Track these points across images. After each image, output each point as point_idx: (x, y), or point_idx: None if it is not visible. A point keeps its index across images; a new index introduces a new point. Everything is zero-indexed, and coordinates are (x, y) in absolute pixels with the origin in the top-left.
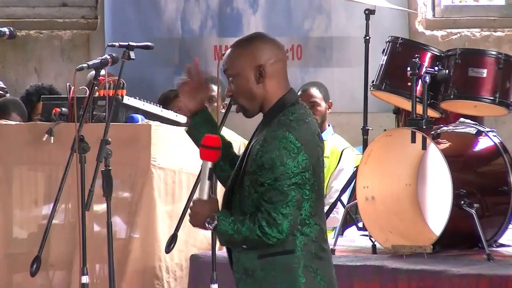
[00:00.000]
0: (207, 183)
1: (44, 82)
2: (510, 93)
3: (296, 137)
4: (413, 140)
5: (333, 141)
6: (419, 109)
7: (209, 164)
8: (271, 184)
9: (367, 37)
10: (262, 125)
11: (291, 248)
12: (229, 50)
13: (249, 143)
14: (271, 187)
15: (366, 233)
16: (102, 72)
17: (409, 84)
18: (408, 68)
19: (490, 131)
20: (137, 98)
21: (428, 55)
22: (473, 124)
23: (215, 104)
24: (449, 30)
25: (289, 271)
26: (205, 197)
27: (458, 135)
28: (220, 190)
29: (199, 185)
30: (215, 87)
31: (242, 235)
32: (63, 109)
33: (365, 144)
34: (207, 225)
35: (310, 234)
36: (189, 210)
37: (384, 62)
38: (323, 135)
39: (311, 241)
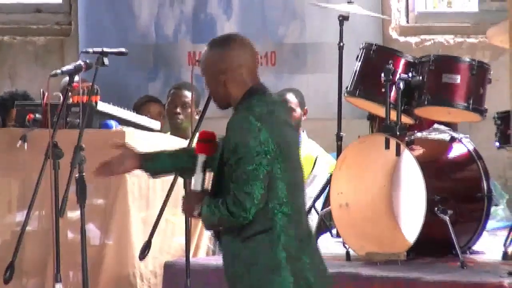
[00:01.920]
0: (201, 175)
1: (18, 88)
2: (484, 99)
3: (256, 117)
4: (387, 146)
5: (307, 148)
6: (393, 115)
7: (203, 157)
8: (236, 164)
9: (341, 43)
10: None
11: (270, 226)
12: (207, 46)
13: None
14: (236, 167)
15: (340, 240)
16: (76, 78)
17: (383, 90)
18: (382, 74)
19: (464, 137)
20: (111, 103)
21: (402, 61)
22: (447, 130)
23: (189, 110)
24: (423, 37)
25: (270, 247)
26: (199, 188)
27: (432, 141)
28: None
29: (193, 177)
30: (188, 93)
31: (216, 216)
32: (37, 115)
33: (339, 151)
34: (196, 212)
35: (289, 213)
36: (182, 200)
37: (358, 68)
38: None
39: (292, 221)
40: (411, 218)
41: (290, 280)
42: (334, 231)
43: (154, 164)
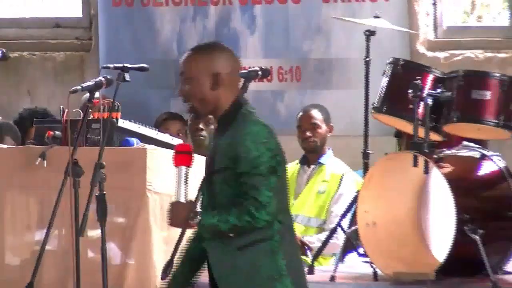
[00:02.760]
0: (183, 187)
1: (37, 105)
2: None
3: (263, 125)
4: (415, 164)
5: (332, 165)
6: (421, 132)
7: (184, 169)
8: (251, 171)
9: (368, 59)
10: (221, 127)
11: (270, 234)
12: (188, 53)
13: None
14: (251, 174)
15: (367, 259)
16: (97, 94)
17: (411, 106)
18: (410, 90)
19: (494, 155)
20: (132, 121)
21: (430, 77)
22: (477, 147)
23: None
24: (451, 52)
25: (271, 255)
26: (182, 199)
27: (462, 159)
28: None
29: (176, 189)
30: None
31: (230, 223)
32: (57, 132)
33: (365, 168)
34: (190, 221)
35: (284, 221)
36: (167, 212)
37: (385, 84)
38: (323, 159)
39: (287, 228)
40: (440, 237)
41: (291, 287)
42: (361, 250)
43: None
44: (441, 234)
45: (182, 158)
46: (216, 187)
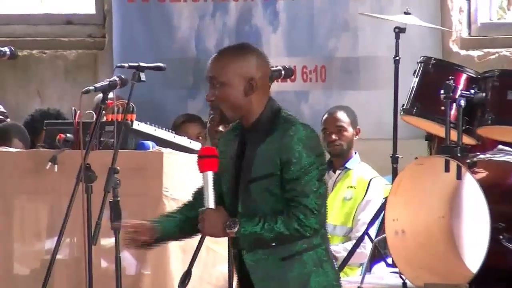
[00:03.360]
0: (212, 192)
1: (47, 105)
2: None
3: (311, 130)
4: (447, 169)
5: (360, 170)
6: (454, 135)
7: (210, 174)
8: (302, 177)
9: (397, 58)
10: (260, 132)
11: (317, 243)
12: (218, 55)
13: (241, 151)
14: (301, 179)
15: (396, 269)
16: (110, 95)
17: (443, 108)
18: (442, 91)
19: None
20: (148, 123)
21: (463, 76)
22: None
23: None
24: (486, 50)
25: (320, 264)
26: (212, 206)
27: (496, 163)
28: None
29: (204, 196)
30: None
31: (276, 231)
32: (68, 135)
33: (394, 173)
34: (227, 230)
35: (325, 230)
36: (200, 220)
37: (415, 85)
38: (349, 163)
39: (325, 235)
40: (473, 247)
41: None
42: (389, 260)
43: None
44: (475, 244)
45: (207, 162)
46: (254, 195)
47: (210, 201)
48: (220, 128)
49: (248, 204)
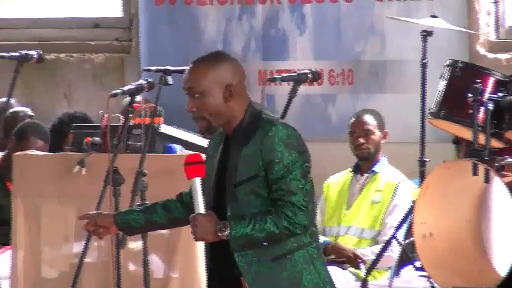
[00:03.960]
0: (201, 198)
1: (74, 109)
2: None
3: (292, 129)
4: (475, 172)
5: (387, 174)
6: (481, 138)
7: (198, 180)
8: (286, 176)
9: (424, 61)
10: (242, 137)
11: (307, 241)
12: (193, 66)
13: (224, 158)
14: (286, 178)
15: (424, 273)
16: (138, 98)
17: (470, 111)
18: (469, 94)
19: None
20: (175, 126)
21: (491, 79)
22: None
23: None
24: None
25: (312, 262)
26: (202, 211)
27: None
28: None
29: (194, 202)
30: None
31: (266, 231)
32: (96, 138)
33: (422, 177)
34: (219, 233)
35: (314, 228)
36: (191, 226)
37: (442, 88)
38: (377, 167)
39: (315, 233)
40: (502, 250)
41: None
42: (417, 264)
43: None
44: (503, 247)
45: (194, 169)
46: (241, 198)
47: (200, 207)
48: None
49: (236, 207)
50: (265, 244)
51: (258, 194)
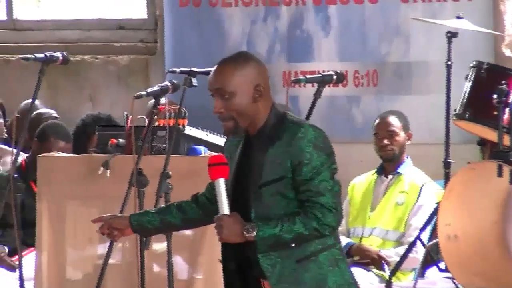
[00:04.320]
0: (225, 199)
1: (99, 110)
2: None
3: (320, 131)
4: (500, 174)
5: (412, 175)
6: (506, 140)
7: (222, 181)
8: (314, 177)
9: (449, 62)
10: (269, 138)
11: (331, 243)
12: (220, 66)
13: (244, 159)
14: (315, 180)
15: (449, 275)
16: (162, 100)
17: (495, 113)
18: (495, 96)
19: None
20: (200, 128)
21: None
22: None
23: None
24: None
25: (336, 264)
26: (227, 212)
27: None
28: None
29: (218, 203)
30: None
31: (295, 232)
32: (120, 140)
33: (446, 178)
34: (246, 234)
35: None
36: (216, 227)
37: (467, 89)
38: (401, 168)
39: (337, 234)
40: None
41: None
42: (441, 265)
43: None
44: None
45: (218, 170)
46: (267, 200)
47: (225, 208)
48: None
49: (260, 208)
50: (293, 245)
51: (284, 195)
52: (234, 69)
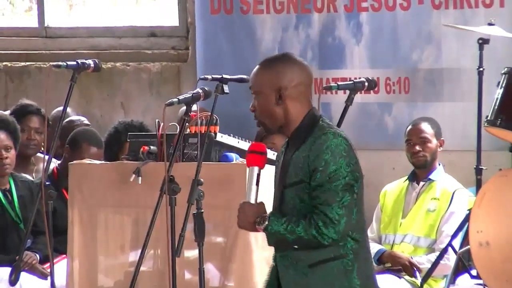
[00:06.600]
0: (254, 188)
1: (131, 118)
2: None
3: (342, 139)
4: None
5: (443, 182)
6: None
7: (256, 170)
8: (325, 185)
9: (481, 69)
10: (296, 140)
11: (343, 253)
12: (257, 66)
13: (281, 159)
14: (325, 188)
15: (481, 282)
16: (194, 107)
17: None
18: None
19: None
20: (231, 135)
21: None
22: None
23: None
24: None
25: (345, 275)
26: (252, 201)
27: None
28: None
29: (247, 190)
30: None
31: (296, 234)
32: (152, 147)
33: (478, 185)
34: (257, 225)
35: (359, 239)
36: (238, 212)
37: (499, 96)
38: (433, 175)
39: (361, 247)
40: None
41: None
42: (473, 272)
43: None
44: None
45: (255, 158)
46: (287, 201)
47: (252, 196)
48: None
49: (282, 208)
50: (295, 247)
51: (302, 199)
52: (261, 70)
